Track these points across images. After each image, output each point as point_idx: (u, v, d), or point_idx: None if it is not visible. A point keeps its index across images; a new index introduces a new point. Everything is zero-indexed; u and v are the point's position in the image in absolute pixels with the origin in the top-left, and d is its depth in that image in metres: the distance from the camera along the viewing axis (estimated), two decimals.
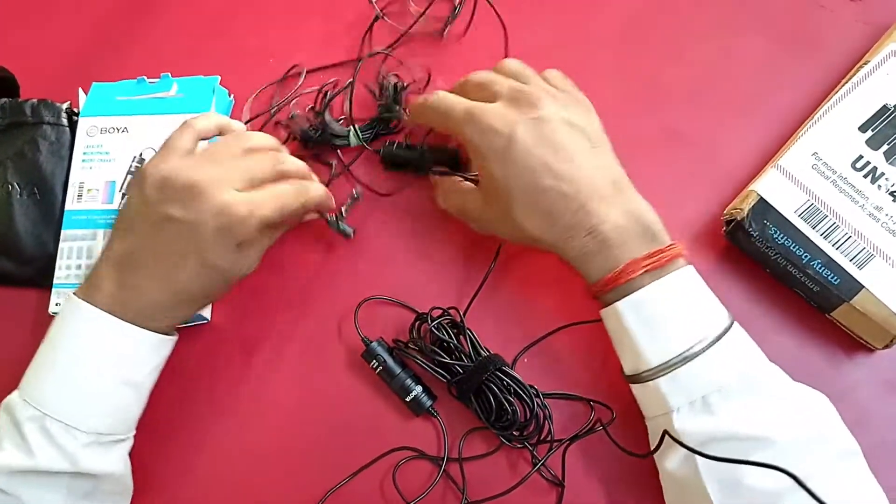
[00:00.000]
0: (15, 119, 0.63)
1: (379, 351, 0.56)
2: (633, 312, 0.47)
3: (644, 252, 0.47)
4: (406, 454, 0.55)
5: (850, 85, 0.59)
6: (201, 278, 0.49)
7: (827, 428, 0.46)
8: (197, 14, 0.72)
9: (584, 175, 0.49)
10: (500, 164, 0.49)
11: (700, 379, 0.46)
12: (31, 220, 0.61)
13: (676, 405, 0.46)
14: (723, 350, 0.46)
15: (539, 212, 0.49)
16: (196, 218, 0.47)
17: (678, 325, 0.47)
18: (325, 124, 0.62)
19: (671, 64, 0.66)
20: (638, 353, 0.47)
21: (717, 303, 0.49)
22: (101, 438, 0.48)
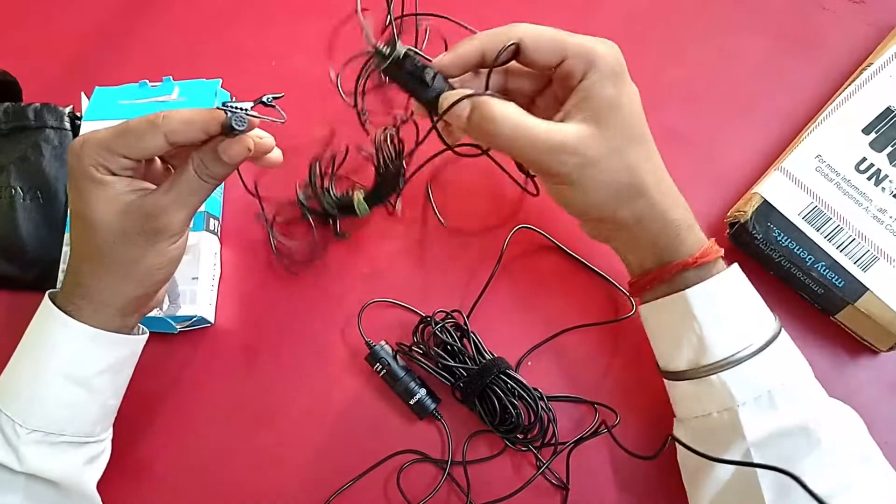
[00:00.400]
0: (18, 123, 0.63)
1: (383, 354, 0.56)
2: (706, 301, 0.46)
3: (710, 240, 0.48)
4: (410, 457, 0.55)
5: (853, 87, 0.59)
6: (82, 234, 0.46)
7: (861, 434, 0.47)
8: (198, 17, 0.72)
9: None
10: (629, 98, 0.46)
11: (765, 374, 0.45)
12: (35, 223, 0.61)
13: (742, 400, 0.45)
14: (781, 347, 0.47)
15: (655, 160, 0.47)
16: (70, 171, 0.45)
17: (746, 318, 0.47)
18: (330, 196, 0.60)
19: (672, 65, 0.66)
20: (703, 345, 0.46)
21: (764, 303, 0.49)
22: (50, 438, 0.47)
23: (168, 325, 0.58)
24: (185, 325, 0.59)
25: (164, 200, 0.45)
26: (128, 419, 0.54)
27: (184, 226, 0.47)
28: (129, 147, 0.44)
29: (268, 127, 0.47)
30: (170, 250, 0.47)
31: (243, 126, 0.43)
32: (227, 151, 0.44)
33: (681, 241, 0.47)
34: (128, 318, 0.49)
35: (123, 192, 0.45)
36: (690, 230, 0.47)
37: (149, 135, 0.43)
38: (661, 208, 0.46)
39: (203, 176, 0.45)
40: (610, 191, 0.45)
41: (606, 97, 0.44)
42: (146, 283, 0.48)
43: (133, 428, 0.56)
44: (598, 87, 0.44)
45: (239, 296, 0.61)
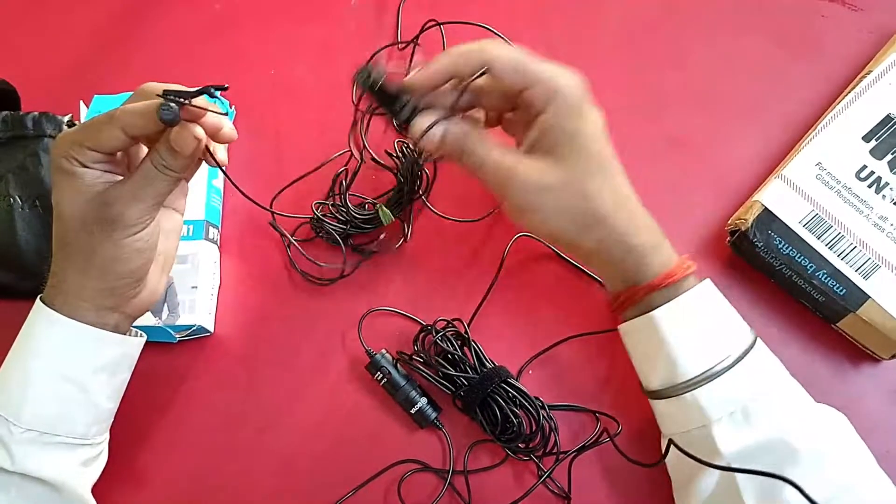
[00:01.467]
0: (16, 132, 0.62)
1: (383, 363, 0.56)
2: (672, 321, 0.46)
3: (681, 257, 0.48)
4: (411, 467, 0.55)
5: (853, 95, 0.59)
6: (54, 225, 0.47)
7: (848, 440, 0.46)
8: (197, 26, 0.72)
9: None
10: (596, 133, 0.47)
11: (738, 389, 0.45)
12: (33, 232, 0.60)
13: (716, 416, 0.45)
14: (756, 360, 0.46)
15: (614, 187, 0.47)
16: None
17: (716, 334, 0.47)
18: (351, 216, 0.60)
19: (672, 72, 0.66)
20: (674, 364, 0.46)
21: (739, 316, 0.49)
22: (43, 438, 0.47)
23: (167, 335, 0.58)
24: (184, 335, 0.58)
25: (121, 190, 0.45)
26: (126, 427, 0.54)
27: (140, 218, 0.46)
28: (92, 140, 0.44)
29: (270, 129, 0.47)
30: (127, 243, 0.46)
31: (169, 117, 0.43)
32: (175, 140, 0.44)
33: (646, 264, 0.47)
34: (105, 314, 0.49)
35: (92, 184, 0.45)
36: (656, 251, 0.47)
37: (107, 128, 0.44)
38: (621, 233, 0.47)
39: (159, 166, 0.45)
40: (568, 219, 0.47)
41: (565, 132, 0.46)
42: (107, 275, 0.47)
43: (132, 436, 0.56)
44: (557, 122, 0.46)
45: (238, 305, 0.61)
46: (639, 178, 0.61)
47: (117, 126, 0.43)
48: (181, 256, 0.58)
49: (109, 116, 0.44)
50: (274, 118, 0.67)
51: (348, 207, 0.59)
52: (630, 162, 0.61)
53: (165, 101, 0.42)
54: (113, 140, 0.44)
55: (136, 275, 0.49)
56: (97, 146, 0.45)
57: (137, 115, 0.43)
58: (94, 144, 0.44)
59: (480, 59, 0.46)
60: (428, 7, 0.68)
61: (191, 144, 0.44)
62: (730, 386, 0.45)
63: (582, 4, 0.70)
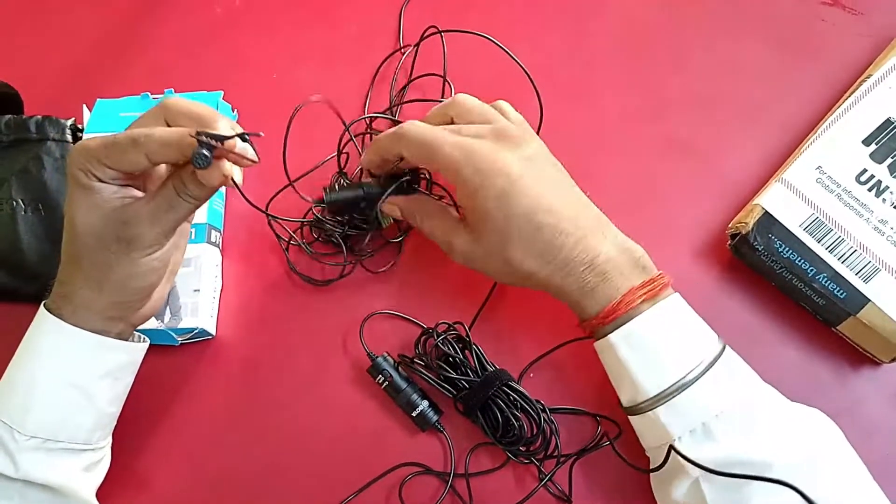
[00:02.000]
0: (19, 136, 0.62)
1: (385, 366, 0.56)
2: (627, 343, 0.47)
3: (639, 281, 0.47)
4: (412, 469, 0.55)
5: (853, 98, 0.59)
6: (66, 236, 0.47)
7: (829, 445, 0.46)
8: (200, 30, 0.72)
9: (577, 211, 0.49)
10: (499, 203, 0.48)
11: (698, 405, 0.45)
12: (36, 236, 0.61)
13: (677, 434, 0.46)
14: (718, 374, 0.46)
15: (537, 249, 0.48)
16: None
17: (672, 352, 0.47)
18: (352, 217, 0.60)
19: (672, 76, 0.66)
20: (635, 383, 0.47)
21: (707, 328, 0.49)
22: (47, 444, 0.47)
23: (169, 338, 0.58)
24: (186, 338, 0.59)
25: (141, 211, 0.45)
26: (128, 431, 0.54)
27: (158, 239, 0.47)
28: (113, 160, 0.44)
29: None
30: (144, 262, 0.47)
31: (204, 166, 0.42)
32: (203, 176, 0.44)
33: (583, 306, 0.49)
34: (110, 323, 0.49)
35: (108, 199, 0.45)
36: (595, 292, 0.48)
37: (131, 152, 0.43)
38: (553, 284, 0.49)
39: (182, 194, 0.45)
40: (505, 276, 0.52)
41: (475, 211, 0.49)
42: (121, 291, 0.48)
43: (133, 440, 0.56)
44: (466, 203, 0.50)
45: (240, 308, 0.61)
46: (639, 182, 0.62)
47: (141, 152, 0.43)
48: (184, 259, 0.58)
49: (134, 141, 0.43)
50: (276, 121, 0.66)
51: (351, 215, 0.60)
52: (631, 166, 0.61)
53: (200, 150, 0.42)
54: (134, 164, 0.44)
55: (148, 290, 0.50)
56: (117, 166, 0.44)
57: (165, 147, 0.43)
58: (113, 164, 0.44)
59: (396, 150, 0.52)
60: (430, 11, 0.69)
61: (218, 180, 0.44)
62: (689, 403, 0.45)
63: (582, 8, 0.70)
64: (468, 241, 0.51)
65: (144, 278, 0.48)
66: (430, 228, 0.54)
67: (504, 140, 0.49)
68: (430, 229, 0.54)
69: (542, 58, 0.66)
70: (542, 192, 0.48)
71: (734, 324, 0.57)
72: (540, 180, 0.49)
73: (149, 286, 0.49)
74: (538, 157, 0.50)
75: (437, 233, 0.54)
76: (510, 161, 0.48)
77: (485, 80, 0.65)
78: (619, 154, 0.63)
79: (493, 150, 0.49)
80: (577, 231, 0.48)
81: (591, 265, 0.48)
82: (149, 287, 0.49)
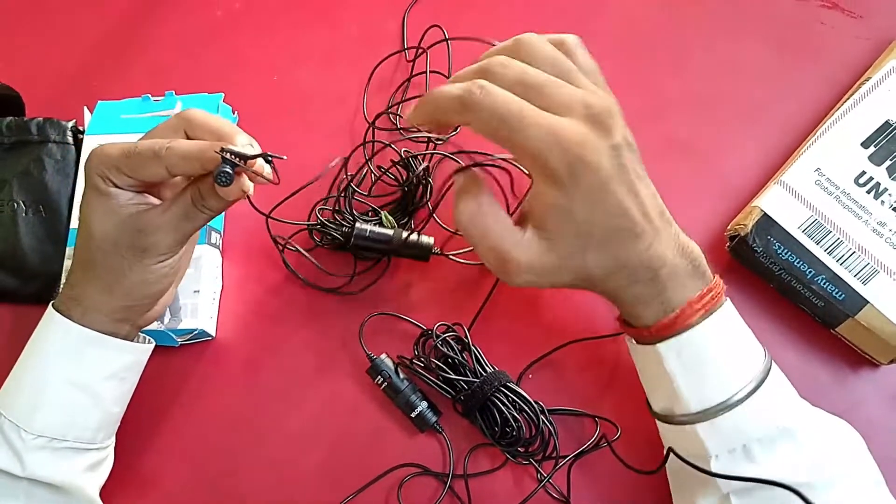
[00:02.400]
0: (21, 137, 0.63)
1: (384, 367, 0.56)
2: (677, 355, 0.44)
3: (697, 292, 0.44)
4: (411, 470, 0.55)
5: (852, 101, 0.59)
6: (80, 239, 0.48)
7: (858, 461, 0.45)
8: (200, 32, 0.72)
9: (648, 210, 0.43)
10: (587, 203, 0.41)
11: (741, 427, 0.44)
12: (37, 237, 0.61)
13: (715, 452, 0.44)
14: (764, 396, 0.44)
15: (612, 255, 0.43)
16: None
17: (722, 370, 0.44)
18: (355, 225, 0.59)
19: (672, 77, 0.66)
20: (677, 396, 0.45)
21: (755, 341, 0.47)
22: (53, 444, 0.48)
23: (169, 339, 0.58)
24: (186, 339, 0.59)
25: (157, 220, 0.46)
26: (129, 431, 0.55)
27: (173, 248, 0.48)
28: (132, 170, 0.45)
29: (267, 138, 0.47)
30: (156, 269, 0.48)
31: (227, 183, 0.43)
32: (223, 190, 0.44)
33: (637, 314, 0.45)
34: (119, 325, 0.49)
35: (124, 206, 0.46)
36: (652, 302, 0.44)
37: (151, 163, 0.44)
38: (611, 287, 0.44)
39: (199, 206, 0.46)
40: (573, 284, 0.45)
41: (553, 207, 0.42)
42: (132, 296, 0.49)
43: (134, 440, 0.56)
44: (543, 196, 0.42)
45: (240, 309, 0.61)
46: None
47: (162, 164, 0.44)
48: None
49: (154, 152, 0.44)
50: (276, 124, 0.67)
51: (353, 214, 0.60)
52: None
53: (224, 167, 0.42)
54: (153, 175, 0.45)
55: (157, 295, 0.50)
56: (135, 175, 0.45)
57: (185, 160, 0.44)
58: (132, 173, 0.45)
59: (461, 119, 0.42)
60: (432, 13, 0.69)
61: (237, 195, 0.45)
62: (732, 424, 0.43)
63: (582, 9, 0.70)
64: (538, 251, 0.43)
65: (155, 284, 0.49)
66: (488, 244, 0.43)
67: (594, 122, 0.41)
68: (489, 244, 0.43)
69: None
70: (627, 191, 0.42)
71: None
72: (625, 175, 0.42)
73: (159, 292, 0.50)
74: (623, 147, 0.42)
75: (497, 242, 0.43)
76: (602, 153, 0.41)
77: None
78: None
79: (585, 138, 0.41)
80: (649, 235, 0.43)
81: (655, 275, 0.43)
82: (159, 292, 0.50)
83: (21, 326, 0.61)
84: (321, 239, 0.61)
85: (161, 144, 0.44)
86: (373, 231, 0.58)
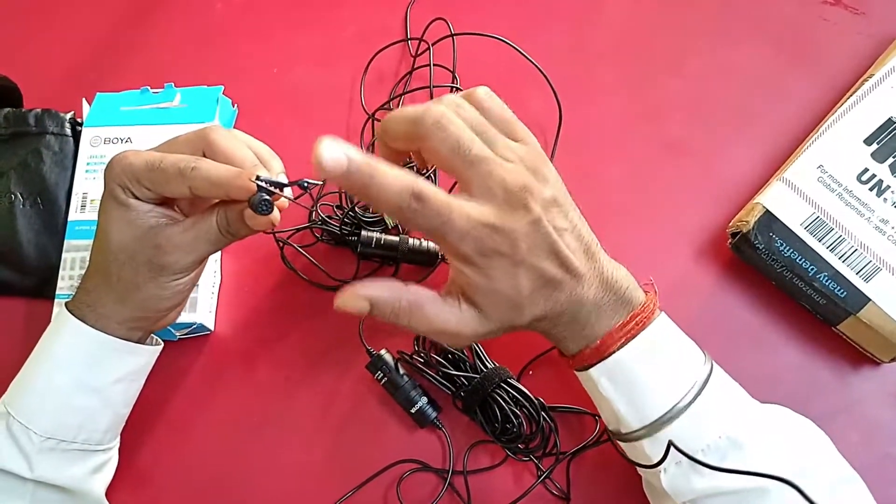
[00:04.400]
0: (19, 129, 0.62)
1: (384, 362, 0.56)
2: (608, 379, 0.45)
3: (620, 321, 0.44)
4: (410, 466, 0.55)
5: (854, 98, 0.59)
6: (97, 247, 0.47)
7: (819, 456, 0.45)
8: (200, 24, 0.72)
9: (570, 261, 0.43)
10: (506, 277, 0.42)
11: (685, 439, 0.43)
12: (34, 230, 0.61)
13: (663, 466, 0.44)
14: (705, 404, 0.44)
15: (540, 306, 0.43)
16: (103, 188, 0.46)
17: (656, 386, 0.44)
18: (357, 218, 0.59)
19: (674, 75, 0.66)
20: (617, 416, 0.45)
21: (694, 349, 0.46)
22: (61, 446, 0.48)
23: (167, 333, 0.58)
24: (184, 333, 0.58)
25: (178, 239, 0.45)
26: (126, 425, 0.54)
27: (190, 268, 0.47)
28: (155, 184, 0.44)
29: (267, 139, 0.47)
30: (172, 285, 0.47)
31: (267, 212, 0.43)
32: (252, 220, 0.44)
33: (565, 346, 0.46)
34: (131, 332, 0.49)
35: (143, 217, 0.45)
36: (575, 336, 0.45)
37: (175, 182, 0.43)
38: (540, 329, 0.45)
39: (223, 230, 0.45)
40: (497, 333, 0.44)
41: (475, 286, 0.42)
42: (145, 308, 0.48)
43: (132, 435, 0.56)
44: (464, 277, 0.42)
45: (239, 303, 0.61)
46: (641, 180, 0.61)
47: (186, 184, 0.43)
48: None
49: (180, 171, 0.42)
50: (276, 117, 0.67)
51: (354, 210, 0.59)
52: (632, 164, 0.61)
53: (262, 196, 0.42)
54: (175, 193, 0.44)
55: (171, 309, 0.50)
56: (157, 190, 0.44)
57: (212, 186, 0.43)
58: (154, 187, 0.44)
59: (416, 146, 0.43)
60: (432, 9, 0.68)
61: (265, 225, 0.45)
62: (674, 436, 0.43)
63: (581, 11, 0.70)
64: (479, 323, 0.43)
65: (169, 300, 0.49)
66: (420, 321, 0.43)
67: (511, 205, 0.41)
68: (421, 321, 0.43)
69: (541, 60, 0.65)
70: (546, 255, 0.42)
71: (734, 323, 0.57)
72: (544, 241, 0.42)
73: (172, 306, 0.50)
74: (542, 214, 0.42)
75: (434, 323, 0.43)
76: (517, 235, 0.41)
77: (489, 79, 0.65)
78: (620, 152, 0.63)
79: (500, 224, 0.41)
80: (569, 285, 0.43)
81: (575, 316, 0.44)
82: (172, 307, 0.50)
83: (18, 319, 0.61)
84: (321, 235, 0.61)
85: (187, 163, 0.43)
86: (379, 239, 0.58)
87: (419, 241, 0.58)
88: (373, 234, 0.58)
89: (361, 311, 0.43)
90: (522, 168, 0.42)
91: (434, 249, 0.59)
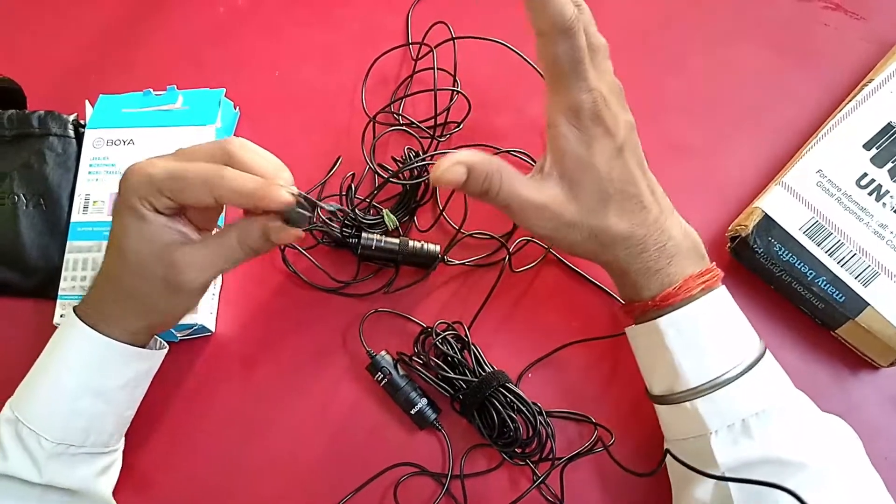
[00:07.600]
0: (22, 130, 0.63)
1: (384, 364, 0.56)
2: (676, 331, 0.46)
3: (698, 270, 0.47)
4: (408, 470, 0.55)
5: (854, 102, 0.59)
6: (110, 257, 0.46)
7: (854, 457, 0.46)
8: (202, 27, 0.72)
9: (655, 189, 0.48)
10: (605, 159, 0.45)
11: (739, 402, 0.45)
12: (37, 231, 0.61)
13: (714, 428, 0.45)
14: (760, 374, 0.46)
15: (626, 219, 0.46)
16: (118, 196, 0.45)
17: (720, 345, 0.46)
18: (358, 221, 0.59)
19: (673, 79, 0.66)
20: (676, 372, 0.46)
21: (751, 327, 0.48)
22: (69, 450, 0.48)
23: (169, 334, 0.58)
24: (185, 334, 0.59)
25: (195, 257, 0.45)
26: (129, 427, 0.54)
27: (205, 285, 0.47)
28: (177, 193, 0.43)
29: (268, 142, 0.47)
30: (183, 301, 0.48)
31: (303, 224, 0.43)
32: (277, 235, 0.44)
33: (639, 287, 0.47)
34: (138, 336, 0.49)
35: (159, 231, 0.44)
36: (656, 275, 0.47)
37: (200, 190, 0.42)
38: (623, 255, 0.47)
39: (244, 247, 0.45)
40: (586, 244, 0.47)
41: (577, 157, 0.45)
42: (154, 319, 0.49)
43: (135, 435, 0.56)
44: (568, 146, 0.45)
45: (240, 305, 0.61)
46: None
47: (210, 194, 0.42)
48: None
49: (204, 181, 0.42)
50: (278, 119, 0.67)
51: (355, 212, 0.60)
52: None
53: (301, 211, 0.42)
54: (198, 202, 0.43)
55: (181, 318, 0.51)
56: (178, 199, 0.43)
57: (241, 197, 0.42)
58: (175, 196, 0.43)
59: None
60: (433, 12, 0.68)
61: (290, 241, 0.45)
62: (730, 399, 0.45)
63: None
64: (561, 196, 0.46)
65: (181, 312, 0.50)
66: (510, 190, 0.44)
67: (623, 100, 0.48)
68: (511, 190, 0.44)
69: None
70: (637, 165, 0.47)
71: None
72: (636, 151, 0.47)
73: (182, 315, 0.51)
74: (633, 131, 0.48)
75: (523, 193, 0.45)
76: (625, 124, 0.47)
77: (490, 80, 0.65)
78: None
79: (619, 107, 0.47)
80: (656, 210, 0.47)
81: (663, 246, 0.46)
82: (182, 315, 0.51)
83: (20, 320, 0.61)
84: (322, 237, 0.61)
85: (214, 172, 0.42)
86: (379, 243, 0.58)
87: (419, 244, 0.59)
88: (373, 236, 0.58)
89: (459, 178, 0.43)
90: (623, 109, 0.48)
91: (434, 252, 0.59)
